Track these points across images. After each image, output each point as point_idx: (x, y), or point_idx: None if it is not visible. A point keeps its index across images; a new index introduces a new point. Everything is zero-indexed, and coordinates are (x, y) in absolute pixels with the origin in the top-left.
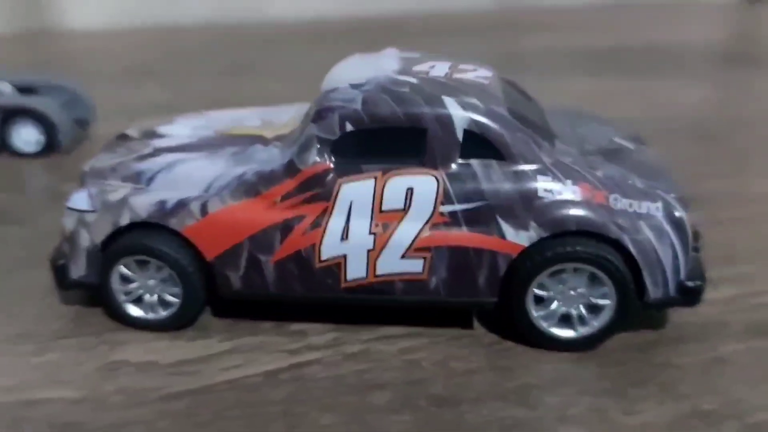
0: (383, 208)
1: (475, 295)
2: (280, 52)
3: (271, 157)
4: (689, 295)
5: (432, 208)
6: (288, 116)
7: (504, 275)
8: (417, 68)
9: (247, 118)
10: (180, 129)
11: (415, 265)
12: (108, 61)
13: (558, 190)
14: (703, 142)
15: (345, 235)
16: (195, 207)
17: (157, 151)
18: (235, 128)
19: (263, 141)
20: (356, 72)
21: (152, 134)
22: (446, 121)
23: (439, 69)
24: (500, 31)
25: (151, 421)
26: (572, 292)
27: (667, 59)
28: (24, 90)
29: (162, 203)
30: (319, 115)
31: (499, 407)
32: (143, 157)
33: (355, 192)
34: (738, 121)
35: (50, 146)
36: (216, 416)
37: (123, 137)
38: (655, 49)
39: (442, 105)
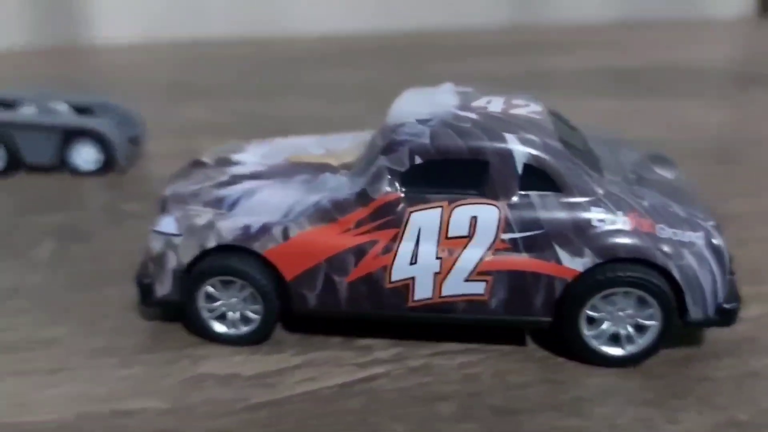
0: (449, 234)
1: (532, 314)
2: (312, 68)
3: (341, 185)
4: (726, 316)
5: (494, 235)
6: (347, 144)
7: (559, 297)
8: (475, 104)
9: (310, 146)
10: (251, 156)
11: (478, 287)
12: (140, 77)
13: (610, 220)
14: (726, 162)
15: (414, 259)
16: (277, 231)
17: (235, 178)
18: (302, 156)
19: (331, 169)
20: (418, 107)
21: (226, 161)
22: (507, 156)
23: (495, 104)
24: (521, 50)
25: (239, 429)
26: (621, 313)
27: (687, 79)
28: (79, 110)
29: (246, 228)
30: (389, 148)
31: (555, 417)
32: (222, 184)
33: (424, 219)
34: (760, 141)
35: (108, 165)
36: (299, 424)
37: (197, 164)
38: (675, 69)
39: (503, 140)
